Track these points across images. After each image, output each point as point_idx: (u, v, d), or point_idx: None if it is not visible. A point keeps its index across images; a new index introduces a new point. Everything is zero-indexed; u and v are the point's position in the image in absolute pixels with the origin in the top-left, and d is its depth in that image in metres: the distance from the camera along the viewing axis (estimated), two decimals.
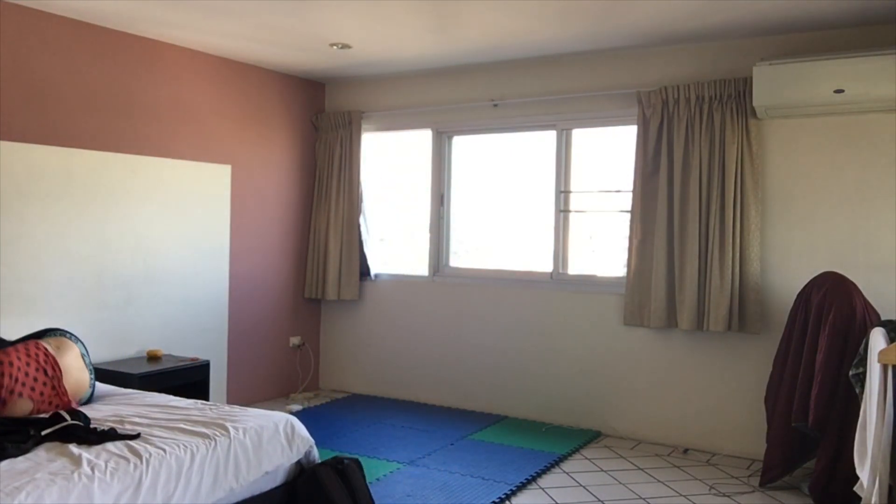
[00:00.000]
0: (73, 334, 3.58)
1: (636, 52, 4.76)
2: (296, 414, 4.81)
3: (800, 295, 3.86)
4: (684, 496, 3.79)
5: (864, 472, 2.96)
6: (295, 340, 5.84)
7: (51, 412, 3.03)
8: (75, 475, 2.38)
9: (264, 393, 5.58)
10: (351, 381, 5.93)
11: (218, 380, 5.09)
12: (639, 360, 4.78)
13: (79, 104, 4.29)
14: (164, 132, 4.78)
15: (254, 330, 5.48)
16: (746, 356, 4.43)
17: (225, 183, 5.20)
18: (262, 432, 3.01)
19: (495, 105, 5.28)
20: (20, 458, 2.50)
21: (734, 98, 4.34)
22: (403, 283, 5.72)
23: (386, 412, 5.28)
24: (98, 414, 3.11)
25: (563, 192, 5.11)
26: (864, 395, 3.10)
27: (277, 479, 3.08)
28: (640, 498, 3.76)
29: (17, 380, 3.10)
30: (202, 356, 4.85)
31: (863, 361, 3.22)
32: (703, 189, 4.44)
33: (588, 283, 5.00)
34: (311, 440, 3.23)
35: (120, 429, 2.87)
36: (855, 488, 3.05)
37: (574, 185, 5.12)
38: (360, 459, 3.39)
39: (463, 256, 5.69)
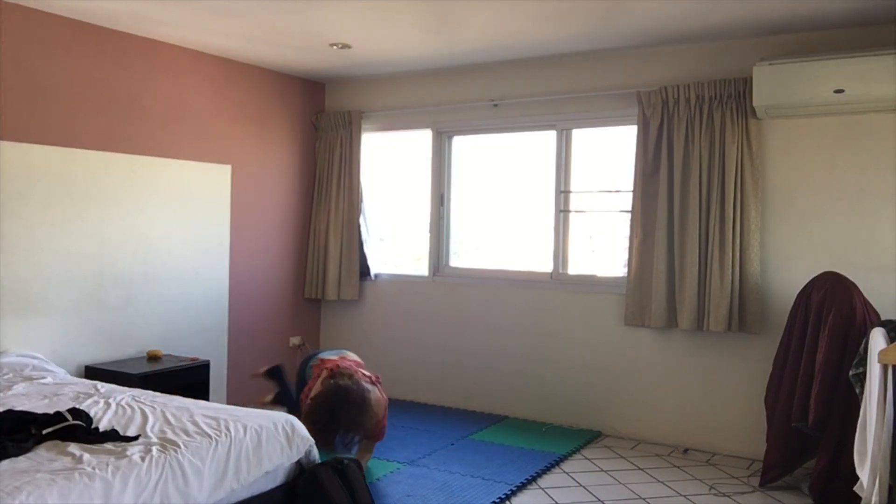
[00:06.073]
0: None
1: (636, 52, 4.76)
2: None
3: (800, 295, 3.86)
4: (684, 496, 3.80)
5: (864, 472, 2.96)
6: (295, 340, 5.84)
7: None
8: (76, 475, 2.38)
9: (264, 393, 5.56)
10: None
11: (218, 380, 5.10)
12: (639, 360, 4.78)
13: (79, 104, 4.29)
14: (164, 132, 4.78)
15: (254, 330, 5.48)
16: (746, 356, 4.43)
17: (225, 183, 5.20)
18: (262, 432, 3.01)
19: (495, 105, 5.28)
20: (21, 458, 2.50)
21: (734, 98, 4.34)
22: (403, 283, 5.72)
23: None
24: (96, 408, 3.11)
25: (563, 192, 5.11)
26: (864, 395, 3.10)
27: (277, 479, 3.08)
28: (640, 498, 3.77)
29: None
30: (202, 356, 4.85)
31: (863, 361, 3.22)
32: (703, 189, 4.44)
33: (588, 283, 5.00)
34: (311, 440, 3.23)
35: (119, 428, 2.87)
36: (855, 488, 3.05)
37: (574, 185, 5.12)
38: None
39: (463, 256, 5.69)
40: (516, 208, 5.46)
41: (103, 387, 3.60)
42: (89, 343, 4.36)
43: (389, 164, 5.95)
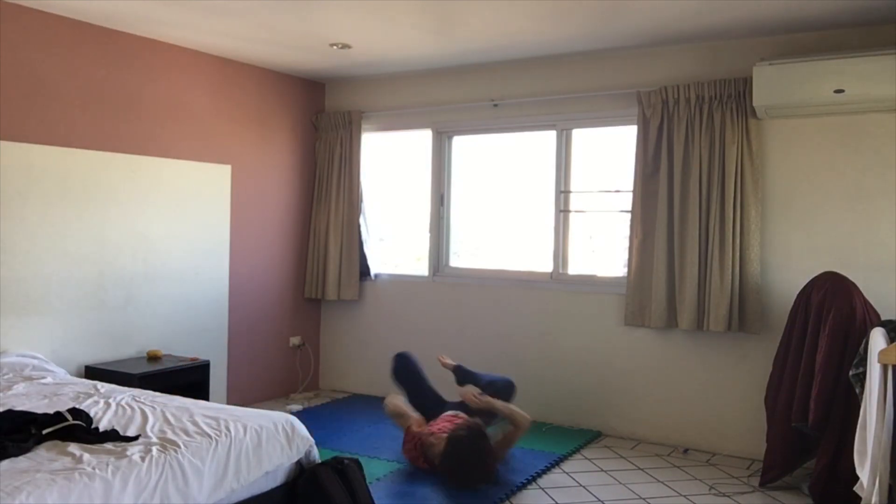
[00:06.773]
0: None
1: (636, 52, 4.76)
2: (296, 414, 4.80)
3: (800, 295, 3.86)
4: (684, 496, 3.80)
5: (864, 472, 2.96)
6: (295, 340, 5.84)
7: None
8: (76, 475, 2.38)
9: (264, 393, 5.58)
10: (351, 381, 5.93)
11: (218, 380, 5.09)
12: (639, 360, 4.78)
13: (79, 104, 4.29)
14: (164, 132, 4.78)
15: (254, 330, 5.48)
16: (746, 356, 4.43)
17: (225, 183, 5.20)
18: (262, 432, 3.01)
19: (495, 105, 5.28)
20: (21, 458, 2.50)
21: (734, 98, 4.34)
22: (403, 283, 5.72)
23: None
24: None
25: (563, 192, 5.11)
26: (864, 395, 3.10)
27: (277, 479, 3.08)
28: (640, 498, 3.77)
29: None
30: (202, 356, 4.84)
31: (863, 361, 3.22)
32: (703, 189, 4.44)
33: (588, 283, 5.00)
34: (311, 439, 3.23)
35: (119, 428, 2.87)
36: (855, 488, 3.05)
37: (574, 185, 5.12)
38: (360, 459, 3.39)
39: (463, 256, 5.69)
40: (516, 208, 5.46)
41: (103, 387, 3.60)
42: (89, 343, 4.36)
43: (389, 164, 5.95)
